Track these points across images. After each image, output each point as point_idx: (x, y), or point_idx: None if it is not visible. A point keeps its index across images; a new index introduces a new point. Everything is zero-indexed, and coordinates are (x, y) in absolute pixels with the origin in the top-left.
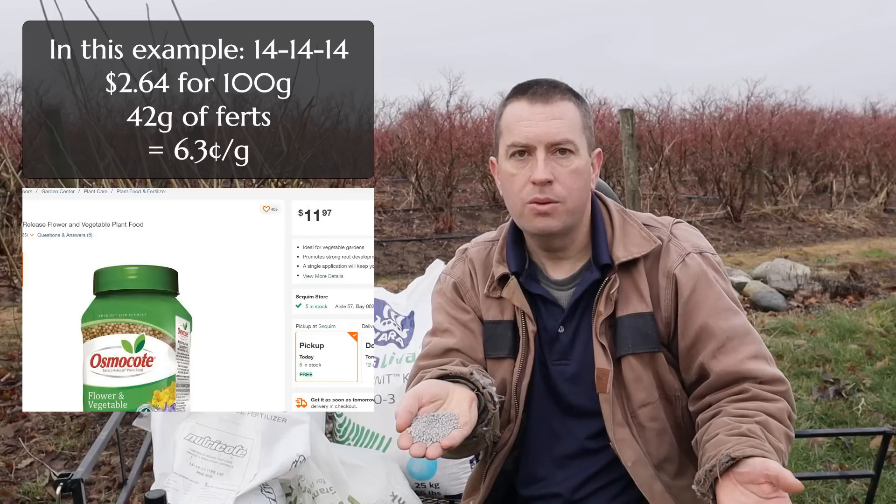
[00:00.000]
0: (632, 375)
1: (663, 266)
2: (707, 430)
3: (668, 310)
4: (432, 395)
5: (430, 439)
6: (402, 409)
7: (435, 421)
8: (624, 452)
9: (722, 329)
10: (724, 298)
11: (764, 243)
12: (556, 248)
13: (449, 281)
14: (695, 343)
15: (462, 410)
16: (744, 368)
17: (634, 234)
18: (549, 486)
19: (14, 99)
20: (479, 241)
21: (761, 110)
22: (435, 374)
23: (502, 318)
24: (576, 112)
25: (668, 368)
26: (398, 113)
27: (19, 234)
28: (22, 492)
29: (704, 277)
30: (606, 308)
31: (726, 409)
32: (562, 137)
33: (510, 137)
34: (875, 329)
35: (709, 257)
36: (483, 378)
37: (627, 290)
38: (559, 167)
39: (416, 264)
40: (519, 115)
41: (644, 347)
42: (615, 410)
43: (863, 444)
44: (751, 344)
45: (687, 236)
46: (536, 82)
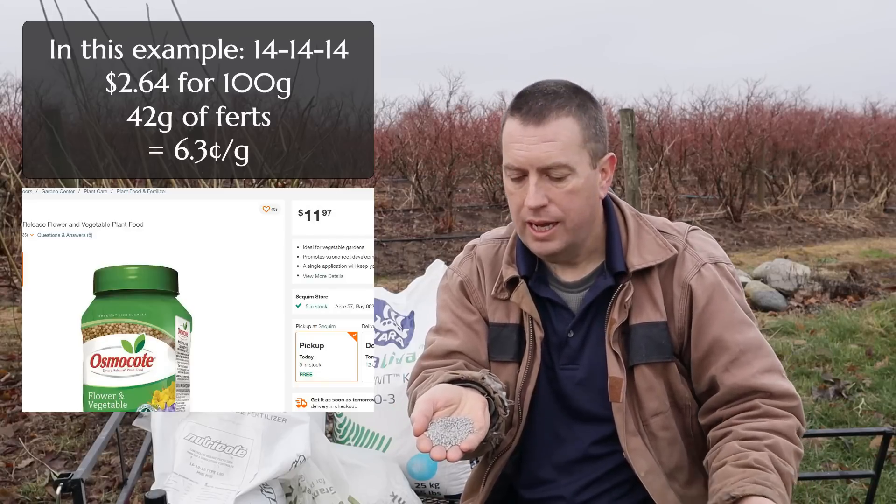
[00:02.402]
0: (644, 385)
1: (678, 275)
2: (717, 454)
3: (682, 320)
4: (447, 399)
5: (448, 442)
6: (419, 413)
7: (451, 425)
8: (637, 462)
9: (736, 342)
10: (739, 311)
11: (764, 243)
12: (564, 260)
13: (456, 279)
14: (708, 355)
15: (477, 416)
16: (756, 383)
17: (650, 242)
18: (553, 490)
19: (14, 99)
20: (489, 239)
21: (761, 110)
22: (447, 378)
23: (508, 321)
24: (573, 127)
25: (679, 378)
26: (398, 113)
27: (19, 234)
28: (22, 492)
29: (720, 289)
30: (620, 316)
31: (737, 429)
32: (552, 162)
33: (506, 158)
34: (875, 329)
35: (724, 268)
36: (494, 383)
37: (641, 298)
38: (554, 189)
39: (416, 264)
40: (512, 136)
41: (657, 357)
42: (628, 419)
43: (863, 444)
44: (764, 357)
45: (703, 245)
46: (534, 96)
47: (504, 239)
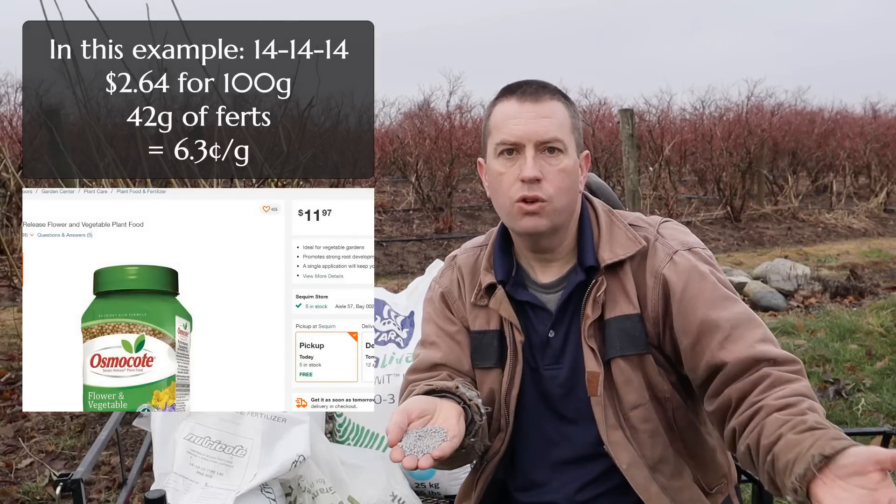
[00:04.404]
0: (622, 378)
1: (650, 266)
2: (762, 431)
3: (656, 310)
4: (421, 410)
5: (420, 451)
6: (393, 425)
7: (424, 435)
8: (618, 455)
9: (725, 319)
10: (720, 288)
11: (764, 243)
12: (544, 248)
13: (437, 290)
14: (699, 338)
15: (450, 424)
16: (756, 353)
17: (620, 236)
18: (547, 494)
19: (14, 99)
20: (468, 248)
21: (761, 110)
22: (422, 390)
23: (489, 327)
24: (565, 112)
25: (656, 370)
26: (398, 113)
27: (19, 234)
28: (22, 492)
29: (696, 271)
30: (594, 311)
31: (766, 403)
32: (551, 136)
33: (499, 136)
34: (875, 329)
35: (698, 251)
36: (468, 391)
37: (615, 291)
38: (548, 166)
39: (416, 264)
40: (508, 114)
41: (632, 349)
42: (607, 413)
43: (863, 444)
44: (756, 328)
45: (674, 234)
46: (525, 83)
47: (483, 247)
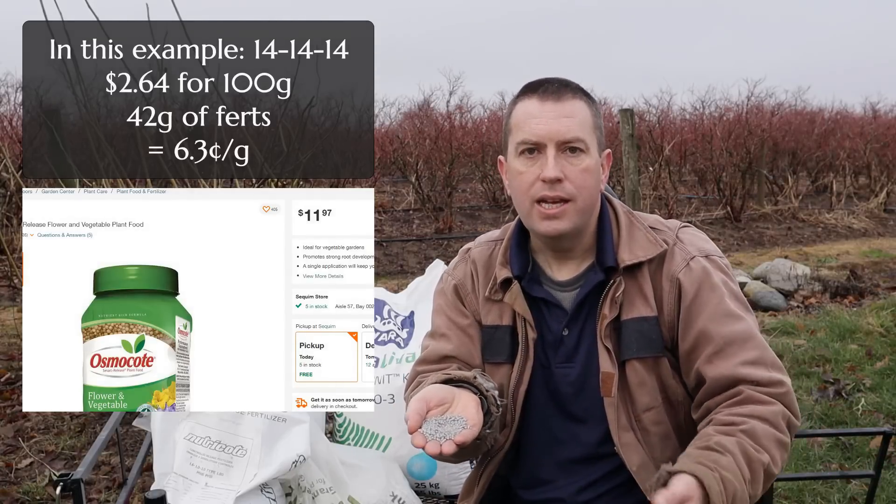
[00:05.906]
0: (636, 380)
1: (667, 270)
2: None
3: (672, 314)
4: (440, 398)
5: (442, 437)
6: (412, 411)
7: (445, 423)
8: (629, 457)
9: (720, 334)
10: (726, 303)
11: (764, 243)
12: (563, 247)
13: (450, 282)
14: (694, 348)
15: (470, 413)
16: (738, 373)
17: (640, 238)
18: (552, 491)
19: (14, 99)
20: (483, 241)
21: (761, 110)
22: (439, 379)
23: (501, 322)
24: (587, 111)
25: (671, 373)
26: (398, 113)
27: (19, 234)
28: (22, 492)
29: (708, 281)
30: (611, 311)
31: (718, 416)
32: (572, 135)
33: (520, 135)
34: (875, 329)
35: (715, 260)
36: (486, 382)
37: (632, 293)
38: (569, 165)
39: (416, 264)
40: (529, 113)
41: (648, 352)
42: (620, 415)
43: (863, 444)
44: (751, 350)
45: (693, 240)
46: (548, 80)
47: (498, 241)
